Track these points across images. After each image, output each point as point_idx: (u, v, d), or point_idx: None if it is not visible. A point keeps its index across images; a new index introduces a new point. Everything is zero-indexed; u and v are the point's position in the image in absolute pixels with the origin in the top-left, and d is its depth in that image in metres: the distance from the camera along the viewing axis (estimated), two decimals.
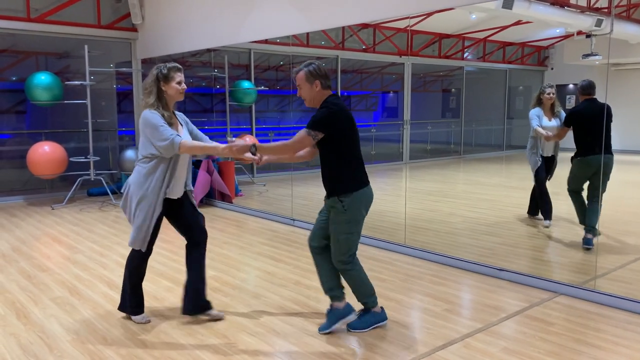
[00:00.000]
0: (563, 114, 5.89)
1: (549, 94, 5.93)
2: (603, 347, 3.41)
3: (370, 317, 3.68)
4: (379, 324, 3.70)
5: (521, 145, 8.42)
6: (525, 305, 4.12)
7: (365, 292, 3.65)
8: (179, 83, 3.64)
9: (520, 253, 5.61)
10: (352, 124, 3.47)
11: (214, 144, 3.62)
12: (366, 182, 3.57)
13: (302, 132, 3.39)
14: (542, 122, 5.94)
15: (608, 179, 5.35)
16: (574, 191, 5.66)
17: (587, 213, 5.45)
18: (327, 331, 3.63)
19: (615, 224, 6.26)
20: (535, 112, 6.01)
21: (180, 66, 3.68)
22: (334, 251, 3.56)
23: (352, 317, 3.70)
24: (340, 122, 3.41)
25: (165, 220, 3.83)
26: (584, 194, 5.58)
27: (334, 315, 3.67)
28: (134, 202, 3.64)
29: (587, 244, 5.41)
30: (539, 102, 6.02)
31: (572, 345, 3.45)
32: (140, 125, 3.59)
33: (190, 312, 3.86)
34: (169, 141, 3.48)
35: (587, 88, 5.44)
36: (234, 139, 3.56)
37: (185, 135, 3.74)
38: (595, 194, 5.42)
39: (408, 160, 10.90)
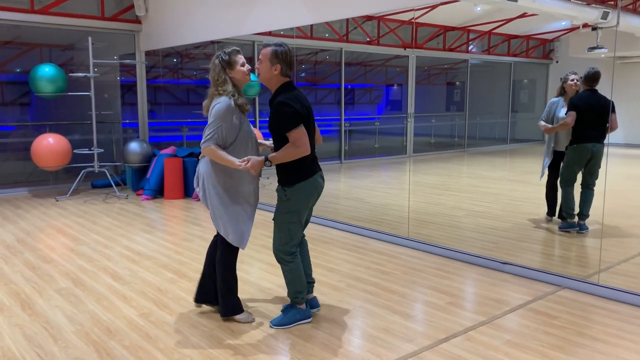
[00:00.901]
0: None
1: (572, 80, 5.89)
2: (607, 341, 3.41)
3: (296, 313, 3.65)
4: (303, 321, 3.66)
5: (525, 139, 8.39)
6: (528, 299, 4.12)
7: (297, 289, 3.61)
8: (243, 65, 3.56)
9: (524, 246, 5.60)
10: (308, 114, 3.45)
11: (231, 158, 3.46)
12: (315, 171, 3.52)
13: (294, 132, 3.32)
14: (560, 112, 5.91)
15: (599, 167, 5.52)
16: (567, 181, 5.73)
17: (582, 201, 5.60)
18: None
19: (619, 217, 6.23)
20: (552, 102, 6.00)
21: (238, 48, 3.58)
22: (275, 241, 3.58)
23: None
24: (302, 116, 3.38)
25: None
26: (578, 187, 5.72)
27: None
28: (221, 193, 3.53)
29: (583, 229, 5.62)
30: (562, 92, 6.00)
31: (575, 338, 3.45)
32: (211, 110, 3.49)
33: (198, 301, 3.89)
34: (205, 140, 3.42)
35: (590, 80, 5.54)
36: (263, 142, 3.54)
37: (250, 126, 3.66)
38: (590, 182, 5.57)
39: (412, 153, 10.88)
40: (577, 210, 5.72)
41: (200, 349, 3.32)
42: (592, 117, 5.52)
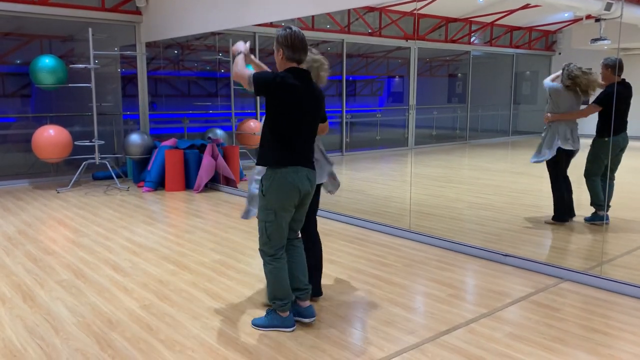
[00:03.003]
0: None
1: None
2: (609, 333, 3.41)
3: (274, 319, 3.45)
4: (282, 329, 3.43)
5: (527, 131, 8.36)
6: (530, 291, 4.11)
7: (275, 295, 3.41)
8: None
9: (526, 239, 5.59)
10: (292, 99, 3.25)
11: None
12: (294, 163, 3.27)
13: (251, 74, 3.29)
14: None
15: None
16: (595, 174, 5.61)
17: (607, 191, 5.53)
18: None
19: (622, 210, 6.22)
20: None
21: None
22: (259, 238, 3.46)
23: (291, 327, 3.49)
24: (273, 92, 3.24)
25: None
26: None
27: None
28: None
29: (604, 220, 5.52)
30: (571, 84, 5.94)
31: (577, 331, 3.44)
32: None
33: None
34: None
35: (621, 69, 5.46)
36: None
37: None
38: (612, 173, 5.54)
39: (413, 145, 10.86)
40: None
41: (202, 340, 3.31)
42: (623, 108, 5.50)
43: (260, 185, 3.35)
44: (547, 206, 6.21)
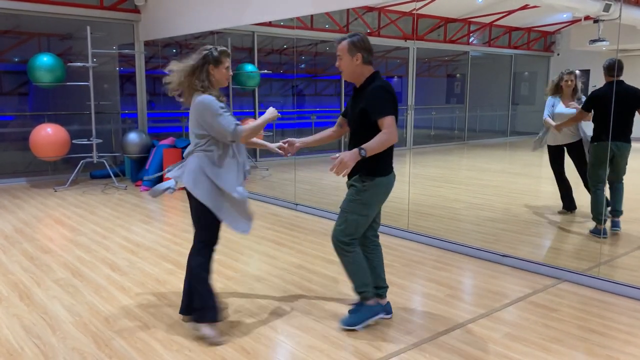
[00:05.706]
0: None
1: (566, 81, 5.81)
2: (607, 334, 3.40)
3: (366, 311, 3.46)
4: (374, 318, 3.48)
5: (526, 132, 8.36)
6: (528, 292, 4.11)
7: (364, 280, 3.43)
8: (227, 68, 3.49)
9: (524, 239, 5.59)
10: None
11: (260, 119, 3.47)
12: (392, 169, 3.41)
13: (389, 119, 3.16)
14: (557, 109, 5.81)
15: (626, 163, 5.28)
16: (594, 182, 5.35)
17: (611, 197, 5.37)
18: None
19: None
20: (549, 102, 5.89)
21: (229, 51, 3.53)
22: (338, 229, 3.36)
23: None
24: (396, 106, 3.27)
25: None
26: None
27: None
28: (221, 186, 3.36)
29: (615, 226, 5.38)
30: (558, 90, 5.86)
31: (575, 331, 3.44)
32: (198, 109, 3.35)
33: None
34: (232, 130, 3.25)
35: (612, 69, 5.17)
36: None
37: None
38: (615, 179, 5.34)
39: (412, 145, 10.85)
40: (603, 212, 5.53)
41: (199, 340, 3.30)
42: (620, 110, 5.05)
43: (361, 181, 3.31)
44: (545, 206, 6.22)
